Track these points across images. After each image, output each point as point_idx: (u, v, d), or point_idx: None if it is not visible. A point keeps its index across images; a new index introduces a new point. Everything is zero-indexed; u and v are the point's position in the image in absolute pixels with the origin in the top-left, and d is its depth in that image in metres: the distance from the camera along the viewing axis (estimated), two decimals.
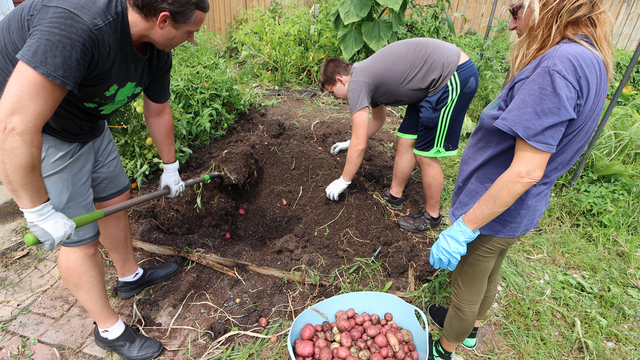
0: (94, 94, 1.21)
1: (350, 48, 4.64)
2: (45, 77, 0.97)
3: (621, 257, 2.56)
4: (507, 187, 1.04)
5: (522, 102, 0.99)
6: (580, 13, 0.98)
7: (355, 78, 2.22)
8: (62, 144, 1.28)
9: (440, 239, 1.24)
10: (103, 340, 1.64)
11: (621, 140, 3.18)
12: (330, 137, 3.61)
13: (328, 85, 2.43)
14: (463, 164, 1.29)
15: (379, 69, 2.18)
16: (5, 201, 2.66)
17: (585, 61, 0.94)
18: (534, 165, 1.00)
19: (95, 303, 1.54)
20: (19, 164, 0.99)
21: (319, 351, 1.58)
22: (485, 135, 1.17)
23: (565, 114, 0.95)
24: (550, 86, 0.94)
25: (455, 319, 1.51)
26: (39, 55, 0.96)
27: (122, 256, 1.84)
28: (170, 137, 1.68)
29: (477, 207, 1.13)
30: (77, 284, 1.47)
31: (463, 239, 1.18)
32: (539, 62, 0.99)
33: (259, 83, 5.60)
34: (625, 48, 6.93)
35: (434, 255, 1.26)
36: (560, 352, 1.84)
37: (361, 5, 4.28)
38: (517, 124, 0.99)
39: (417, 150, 2.36)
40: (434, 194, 2.45)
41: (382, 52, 2.24)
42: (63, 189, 1.30)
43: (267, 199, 2.67)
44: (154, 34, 1.19)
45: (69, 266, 1.43)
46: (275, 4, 7.21)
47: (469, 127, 4.11)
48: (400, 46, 2.19)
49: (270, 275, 2.11)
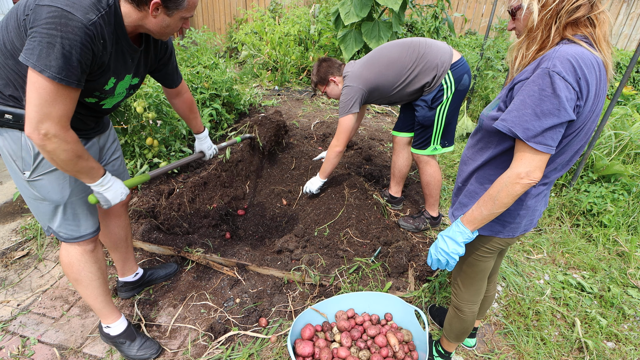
0: (93, 89, 1.22)
1: (350, 48, 4.64)
2: (53, 80, 1.01)
3: (621, 257, 2.55)
4: (506, 188, 1.04)
5: (521, 103, 0.99)
6: (579, 14, 0.97)
7: (349, 83, 2.21)
8: None
9: (439, 240, 1.24)
10: (106, 335, 1.65)
11: (621, 140, 3.18)
12: (330, 137, 3.61)
13: (321, 85, 2.41)
14: (462, 165, 1.29)
15: (373, 75, 2.17)
16: (5, 201, 2.66)
17: (585, 62, 0.94)
18: (534, 166, 1.00)
19: (95, 298, 1.54)
20: (65, 159, 1.12)
21: (319, 351, 1.58)
22: (485, 136, 1.16)
23: (565, 115, 0.95)
24: (550, 87, 0.94)
25: (455, 319, 1.51)
26: (42, 59, 0.99)
27: (122, 255, 1.84)
28: (194, 111, 1.81)
29: (476, 208, 1.13)
30: (77, 279, 1.48)
31: (462, 240, 1.18)
32: (539, 63, 0.98)
33: (259, 83, 5.59)
34: (625, 48, 6.93)
35: (432, 256, 1.26)
36: (560, 352, 1.84)
37: (361, 5, 4.27)
38: (516, 125, 0.99)
39: (415, 149, 2.37)
40: (432, 192, 2.45)
41: (375, 55, 2.21)
42: (64, 185, 1.32)
43: (267, 199, 2.67)
44: (148, 23, 1.19)
45: (69, 261, 1.45)
46: (275, 4, 7.21)
47: (469, 127, 4.11)
48: (393, 48, 2.18)
49: (270, 275, 2.11)
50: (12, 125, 1.19)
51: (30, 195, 1.33)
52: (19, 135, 1.21)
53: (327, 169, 2.41)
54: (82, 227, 1.41)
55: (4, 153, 1.25)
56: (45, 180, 1.28)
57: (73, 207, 1.37)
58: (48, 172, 1.28)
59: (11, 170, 1.30)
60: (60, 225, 1.37)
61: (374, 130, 4.10)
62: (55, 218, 1.36)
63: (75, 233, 1.41)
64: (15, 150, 1.23)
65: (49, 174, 1.28)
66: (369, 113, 4.70)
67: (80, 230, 1.41)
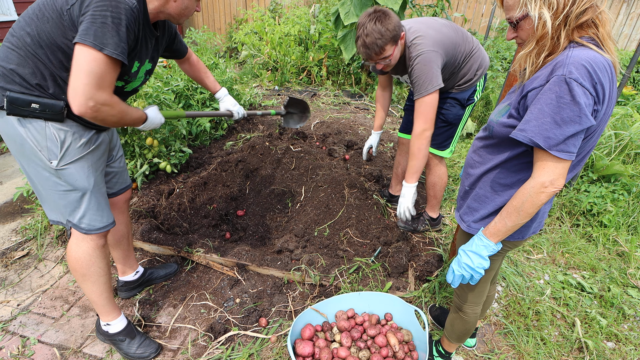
0: (124, 72, 1.28)
1: (350, 48, 4.64)
2: (109, 56, 1.10)
3: (621, 257, 2.55)
4: (531, 199, 1.03)
5: (540, 112, 0.97)
6: (586, 17, 0.97)
7: (428, 47, 1.72)
8: (84, 130, 1.33)
9: (461, 255, 1.21)
10: (104, 333, 1.65)
11: (621, 140, 3.17)
12: (330, 137, 3.61)
13: (391, 45, 1.70)
14: (469, 167, 1.28)
15: (448, 41, 1.77)
16: (5, 201, 2.66)
17: (599, 66, 0.94)
18: (557, 174, 0.99)
19: (100, 295, 1.55)
20: (115, 121, 1.24)
21: (319, 351, 1.57)
22: (495, 141, 1.16)
23: (586, 121, 0.94)
24: (568, 94, 0.93)
25: (458, 320, 1.51)
26: (99, 37, 1.07)
27: (123, 253, 1.85)
28: (204, 71, 1.91)
29: (500, 220, 1.11)
30: (85, 275, 1.48)
31: (487, 253, 1.16)
32: (553, 70, 0.97)
33: (259, 83, 5.60)
34: (625, 48, 6.93)
35: (455, 272, 1.22)
36: (560, 352, 1.84)
37: (361, 5, 4.27)
38: (537, 135, 0.98)
39: (434, 149, 2.22)
40: (437, 193, 2.43)
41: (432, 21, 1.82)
42: (89, 173, 1.36)
43: (267, 199, 2.66)
44: (169, 8, 1.29)
45: (78, 256, 1.45)
46: (275, 4, 7.21)
47: (469, 127, 4.11)
48: (442, 26, 1.84)
49: (270, 275, 2.11)
50: (38, 115, 1.21)
51: (54, 187, 1.33)
52: (43, 125, 1.23)
53: (418, 166, 1.86)
54: (105, 217, 1.45)
55: (28, 145, 1.25)
56: (72, 169, 1.31)
57: (97, 196, 1.40)
58: (74, 161, 1.31)
59: (30, 163, 1.30)
60: (84, 215, 1.39)
61: None
62: (79, 209, 1.38)
63: (99, 223, 1.43)
64: (40, 140, 1.24)
65: (75, 162, 1.31)
66: (368, 113, 4.70)
67: (103, 219, 1.44)
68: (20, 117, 1.21)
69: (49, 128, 1.24)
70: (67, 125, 1.27)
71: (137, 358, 1.64)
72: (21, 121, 1.22)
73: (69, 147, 1.28)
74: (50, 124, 1.24)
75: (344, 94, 5.29)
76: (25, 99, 1.18)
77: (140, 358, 1.64)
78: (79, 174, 1.33)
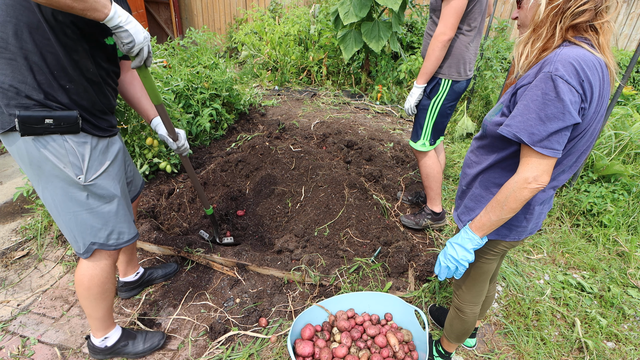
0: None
1: (350, 48, 4.64)
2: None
3: (621, 257, 2.55)
4: (514, 194, 1.03)
5: (525, 108, 0.99)
6: (583, 18, 0.97)
7: None
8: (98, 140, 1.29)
9: (448, 247, 1.23)
10: (102, 350, 1.59)
11: (621, 140, 3.17)
12: (331, 137, 3.61)
13: None
14: (466, 167, 1.29)
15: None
16: (5, 201, 2.66)
17: (588, 64, 0.94)
18: (541, 170, 1.00)
19: (107, 310, 1.51)
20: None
21: (319, 351, 1.58)
22: (489, 141, 1.16)
23: (570, 118, 0.95)
24: (553, 91, 0.94)
25: (457, 319, 1.51)
26: None
27: (128, 256, 1.85)
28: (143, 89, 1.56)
29: (484, 214, 1.12)
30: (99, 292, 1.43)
31: (471, 247, 1.17)
32: (541, 67, 0.98)
33: (259, 83, 5.60)
34: (625, 48, 6.93)
35: (441, 263, 1.25)
36: (560, 352, 1.84)
37: (360, 5, 4.27)
38: (521, 130, 0.99)
39: (410, 141, 2.41)
40: (431, 184, 2.43)
41: None
42: (115, 184, 1.34)
43: (267, 199, 2.66)
44: None
45: (95, 273, 1.39)
46: (275, 4, 7.21)
47: (469, 127, 4.11)
48: None
49: (270, 275, 2.11)
50: (53, 130, 1.15)
51: (84, 206, 1.28)
52: (62, 140, 1.17)
53: (430, 67, 2.00)
54: (132, 229, 1.43)
55: (49, 164, 1.19)
56: (100, 181, 1.29)
57: (124, 208, 1.38)
58: (101, 174, 1.28)
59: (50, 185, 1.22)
60: (113, 230, 1.36)
61: (374, 130, 4.10)
62: (108, 224, 1.34)
63: (127, 236, 1.41)
64: (62, 156, 1.19)
65: (101, 175, 1.29)
66: (368, 113, 4.70)
67: (131, 231, 1.42)
68: (35, 135, 1.13)
69: (67, 142, 1.18)
70: (83, 137, 1.22)
71: (149, 350, 1.64)
72: (38, 140, 1.14)
73: (90, 158, 1.24)
74: (68, 138, 1.18)
75: (344, 94, 5.30)
76: (38, 115, 1.11)
77: (151, 349, 1.64)
78: (108, 183, 1.30)
